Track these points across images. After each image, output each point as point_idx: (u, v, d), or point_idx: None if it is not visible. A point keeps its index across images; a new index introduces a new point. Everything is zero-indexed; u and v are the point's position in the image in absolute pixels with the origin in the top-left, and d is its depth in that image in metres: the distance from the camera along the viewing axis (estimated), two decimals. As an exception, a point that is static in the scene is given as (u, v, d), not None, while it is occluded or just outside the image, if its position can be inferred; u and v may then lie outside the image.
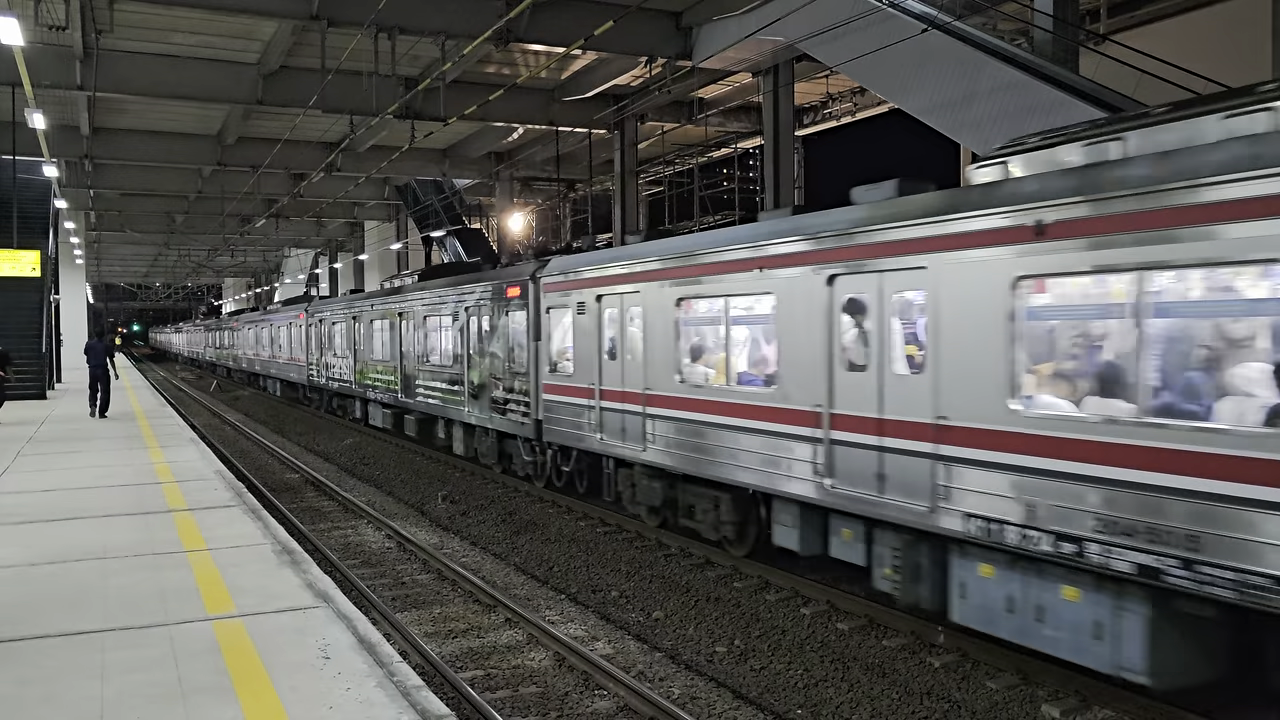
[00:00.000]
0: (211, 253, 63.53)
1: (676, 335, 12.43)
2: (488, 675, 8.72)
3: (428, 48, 21.65)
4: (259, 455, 23.38)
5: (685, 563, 12.50)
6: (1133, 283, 6.99)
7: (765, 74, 22.36)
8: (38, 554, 8.75)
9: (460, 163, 35.40)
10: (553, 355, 15.84)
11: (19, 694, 5.41)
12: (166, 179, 38.35)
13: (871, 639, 9.65)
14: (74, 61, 21.83)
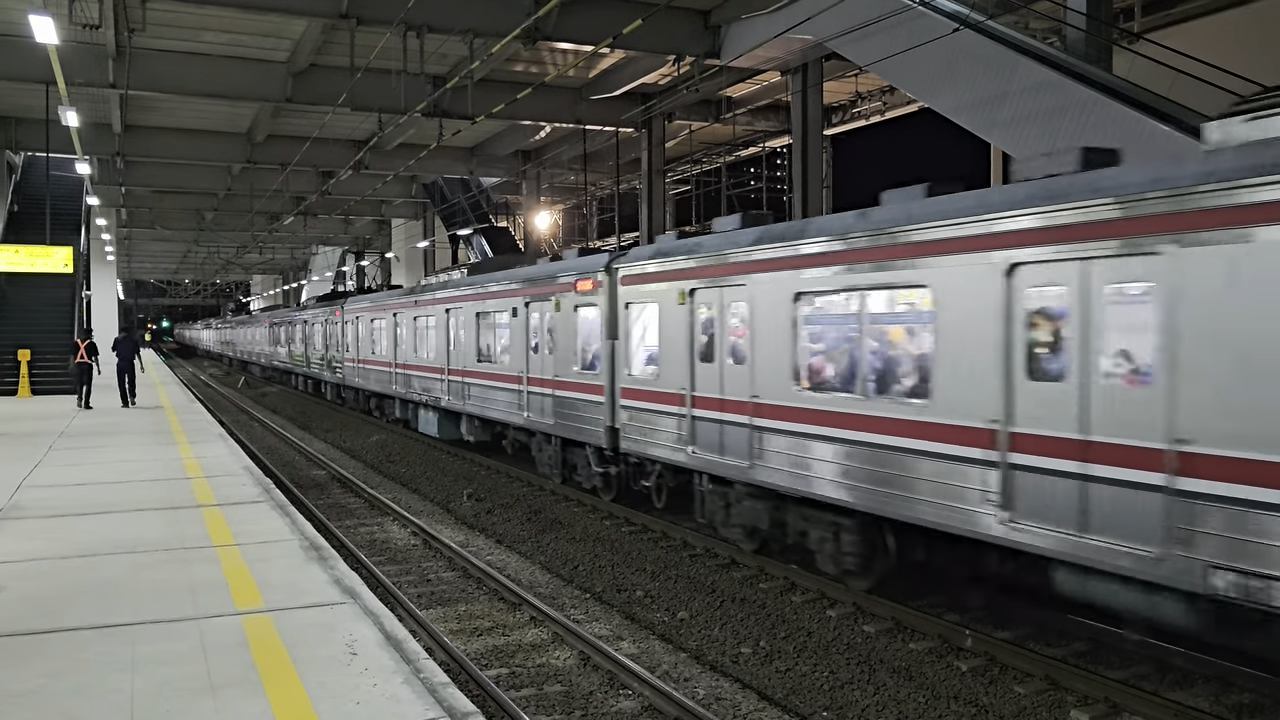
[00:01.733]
0: (240, 250, 64.06)
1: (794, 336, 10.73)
2: (513, 673, 8.72)
3: (456, 46, 21.72)
4: (286, 451, 23.53)
5: (710, 563, 12.46)
6: (859, 299, 9.88)
7: (794, 73, 22.28)
8: (69, 547, 8.83)
9: (487, 161, 35.50)
10: (631, 356, 14.18)
11: (51, 686, 5.46)
12: (196, 176, 38.72)
13: (898, 642, 9.57)
14: (107, 60, 22.05)
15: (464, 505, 16.42)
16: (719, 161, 33.25)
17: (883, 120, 28.24)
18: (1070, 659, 8.98)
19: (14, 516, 10.20)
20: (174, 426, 19.77)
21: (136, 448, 16.10)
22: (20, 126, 30.17)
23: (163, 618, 6.71)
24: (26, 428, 18.92)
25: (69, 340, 29.30)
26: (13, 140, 30.89)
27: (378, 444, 23.86)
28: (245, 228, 51.96)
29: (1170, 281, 6.91)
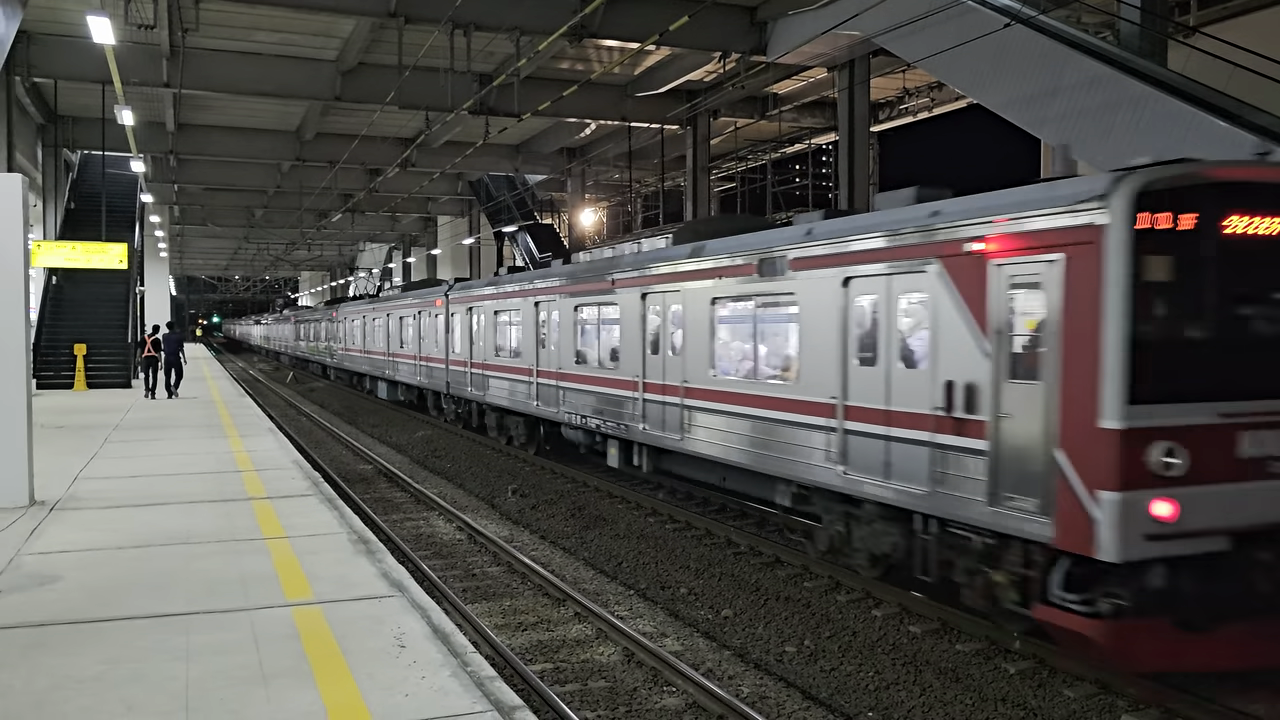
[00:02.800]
0: (289, 246, 64.92)
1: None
2: (557, 668, 8.75)
3: (502, 44, 21.85)
4: (333, 446, 23.81)
5: (755, 561, 12.42)
6: (769, 297, 11.82)
7: (840, 69, 22.14)
8: (125, 538, 9.01)
9: (532, 158, 35.66)
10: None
11: (109, 673, 5.57)
12: (247, 174, 39.31)
13: (945, 643, 9.48)
14: (161, 60, 22.46)
15: (508, 501, 16.51)
16: (764, 158, 33.11)
17: (930, 116, 27.99)
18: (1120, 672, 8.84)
19: (71, 507, 10.43)
20: (225, 420, 20.09)
21: (189, 441, 16.38)
22: (77, 125, 30.82)
23: (215, 608, 6.82)
24: (83, 420, 19.32)
25: (124, 335, 29.94)
26: (70, 139, 31.56)
27: (423, 439, 24.06)
28: (294, 224, 52.66)
29: (960, 290, 8.91)
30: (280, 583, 7.46)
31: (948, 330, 8.98)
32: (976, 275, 8.66)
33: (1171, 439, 7.39)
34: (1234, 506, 7.58)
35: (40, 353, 26.49)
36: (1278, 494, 7.66)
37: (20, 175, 10.85)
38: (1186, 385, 7.57)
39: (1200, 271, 7.66)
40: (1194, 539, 7.47)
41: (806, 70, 23.93)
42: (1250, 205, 7.70)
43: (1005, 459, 8.33)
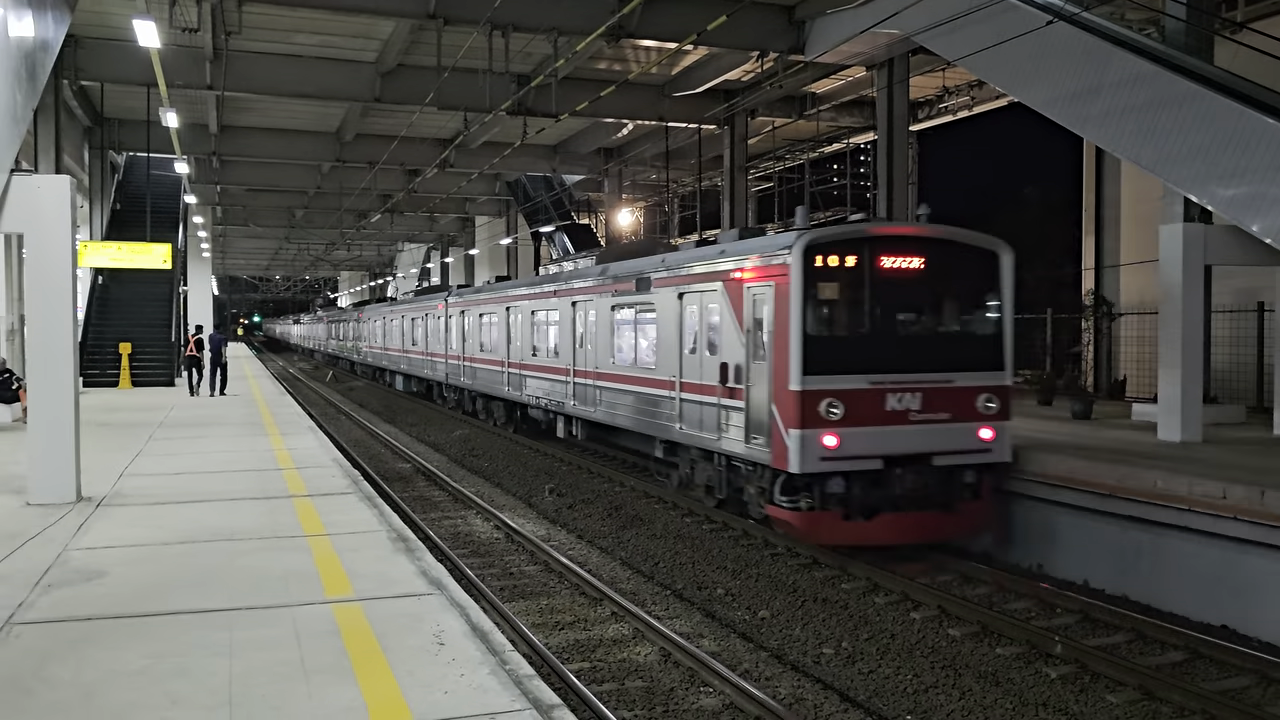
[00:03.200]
0: (329, 247, 65.52)
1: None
2: (594, 668, 8.77)
3: (540, 45, 21.89)
4: (372, 444, 24.01)
5: (792, 562, 12.37)
6: (644, 305, 16.04)
7: (879, 68, 21.96)
8: (169, 534, 9.14)
9: (570, 158, 35.72)
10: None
11: (154, 667, 5.65)
12: (288, 175, 39.70)
13: (984, 646, 9.40)
14: (204, 62, 22.73)
15: (545, 500, 16.56)
16: (802, 158, 32.93)
17: (970, 115, 27.71)
18: (1166, 669, 8.73)
19: (117, 504, 10.59)
20: (266, 418, 20.32)
21: (231, 439, 16.58)
22: (123, 128, 31.27)
23: (257, 604, 6.89)
24: (127, 418, 19.61)
25: (167, 334, 30.38)
26: (115, 141, 32.02)
27: (461, 439, 24.20)
28: (334, 225, 53.10)
29: (720, 305, 13.47)
30: (321, 580, 7.52)
31: (726, 329, 13.31)
32: (738, 293, 12.94)
33: (834, 397, 11.55)
34: (881, 441, 11.75)
35: (87, 351, 26.91)
36: (913, 434, 11.85)
37: (68, 177, 11.03)
38: (846, 363, 11.76)
39: (859, 291, 12.04)
40: (853, 460, 11.63)
41: (845, 69, 23.76)
42: (893, 250, 12.09)
43: (752, 413, 12.57)
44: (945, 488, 11.99)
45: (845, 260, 11.88)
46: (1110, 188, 22.59)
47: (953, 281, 12.58)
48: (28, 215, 10.30)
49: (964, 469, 12.10)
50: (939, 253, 12.39)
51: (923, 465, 11.89)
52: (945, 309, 12.75)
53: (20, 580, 7.43)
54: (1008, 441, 12.37)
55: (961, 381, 12.16)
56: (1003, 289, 12.55)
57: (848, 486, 11.67)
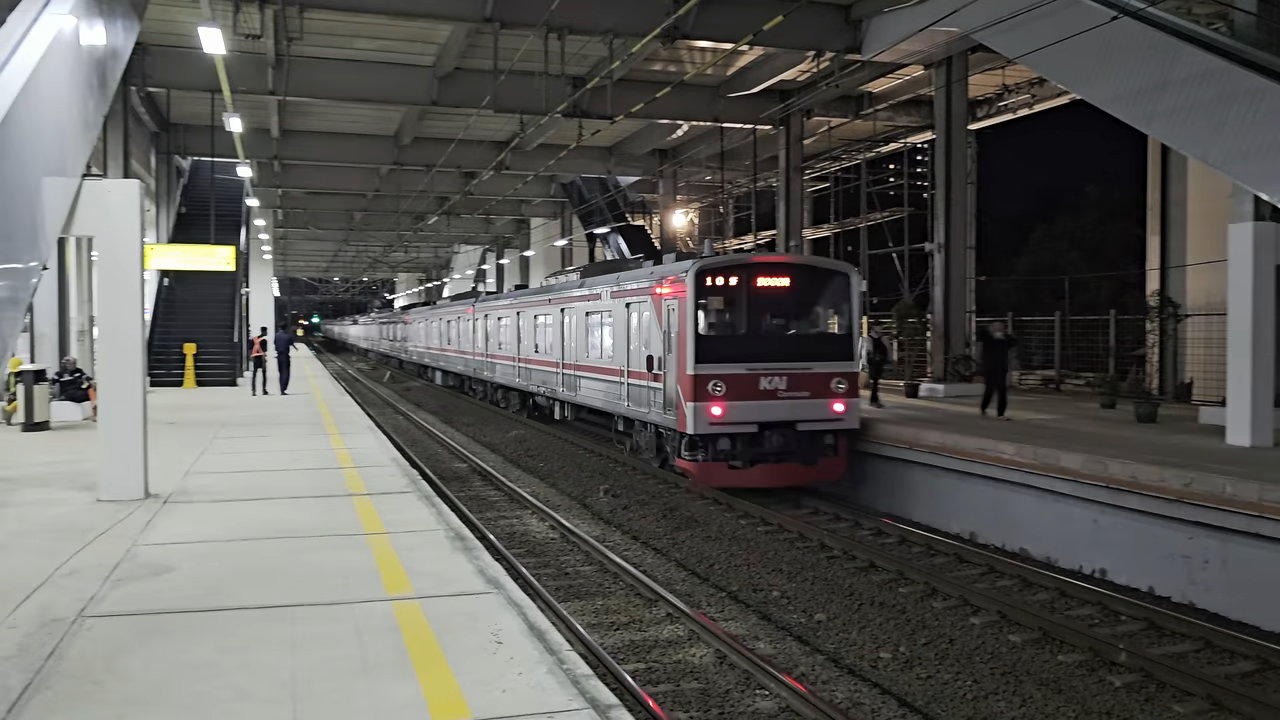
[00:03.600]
0: (386, 248, 66.34)
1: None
2: (649, 669, 8.77)
3: (596, 47, 21.99)
4: (429, 444, 24.25)
5: (848, 565, 12.28)
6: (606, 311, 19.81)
7: (938, 66, 21.72)
8: (233, 531, 9.32)
9: (625, 160, 35.81)
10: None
11: (220, 660, 5.77)
12: (347, 178, 40.29)
13: (1046, 653, 9.25)
14: (267, 68, 23.17)
15: (600, 501, 16.61)
16: (859, 158, 32.65)
17: (1031, 113, 27.26)
18: (1236, 678, 8.52)
19: (183, 501, 10.83)
20: (326, 418, 20.63)
21: (292, 438, 16.86)
22: (188, 133, 31.98)
23: (319, 601, 7.00)
24: (192, 417, 20.03)
25: (230, 335, 30.98)
26: (181, 146, 32.77)
27: (516, 439, 24.35)
28: (392, 227, 53.81)
29: (633, 314, 17.97)
30: (381, 577, 7.62)
31: (651, 330, 17.18)
32: (659, 304, 16.73)
33: (719, 379, 15.41)
34: (756, 411, 15.57)
35: (153, 351, 27.52)
36: (780, 407, 15.62)
37: (137, 181, 11.30)
38: (728, 354, 15.63)
39: (739, 303, 16.05)
40: (735, 425, 15.47)
41: (902, 68, 23.55)
42: (767, 273, 16.10)
43: (666, 391, 16.51)
44: (807, 446, 15.85)
45: (729, 280, 15.87)
46: (1176, 186, 22.08)
47: (811, 296, 16.64)
48: (98, 219, 10.57)
49: (823, 433, 16.06)
50: (801, 275, 16.51)
51: (788, 430, 15.77)
52: (806, 315, 16.80)
53: (92, 574, 7.62)
54: (857, 413, 16.32)
55: (818, 369, 15.98)
56: (852, 301, 16.46)
57: (732, 444, 15.63)
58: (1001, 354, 17.70)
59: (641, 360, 17.57)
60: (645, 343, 17.49)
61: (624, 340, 18.68)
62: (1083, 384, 22.96)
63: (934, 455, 14.81)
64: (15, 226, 8.49)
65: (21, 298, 8.74)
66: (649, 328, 17.30)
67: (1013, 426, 15.90)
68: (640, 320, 17.89)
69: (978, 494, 14.06)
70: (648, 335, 17.36)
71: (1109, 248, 42.32)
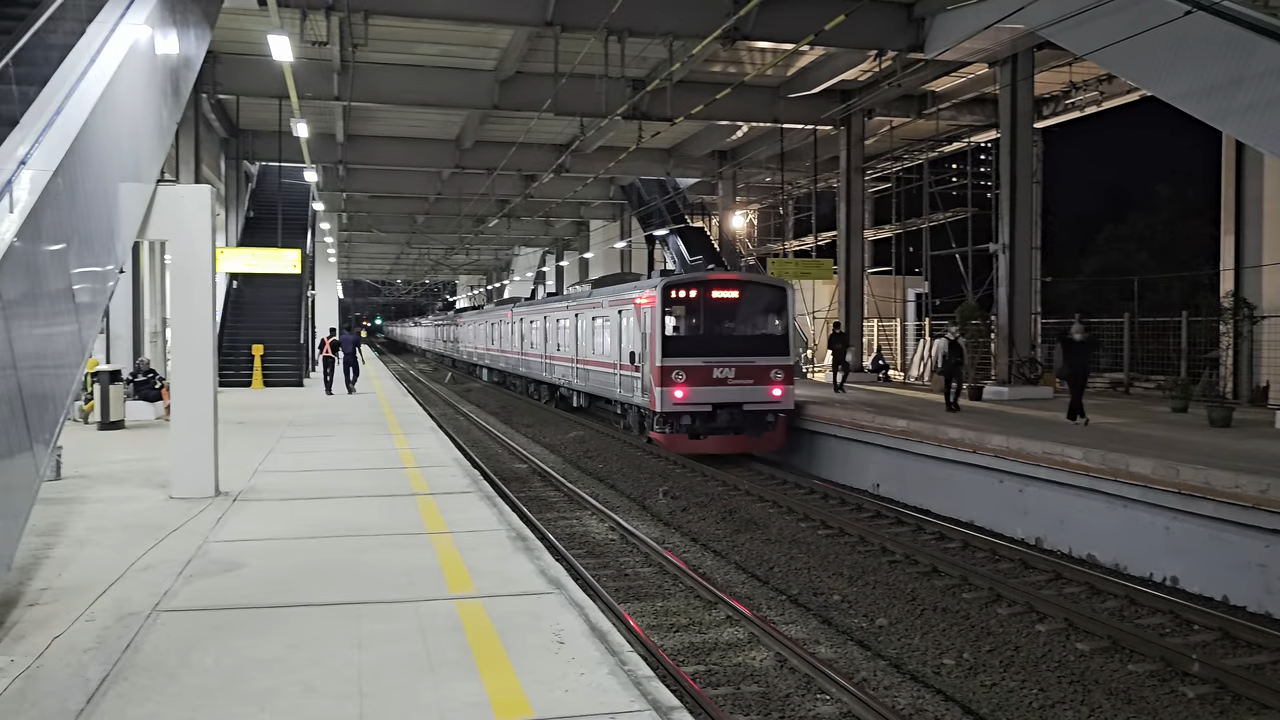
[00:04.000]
0: (448, 251, 67.06)
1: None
2: (709, 671, 8.76)
3: (656, 49, 22.01)
4: (489, 445, 24.48)
5: (910, 570, 12.14)
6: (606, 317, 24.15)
7: (1002, 64, 21.38)
8: (301, 529, 9.49)
9: (684, 161, 35.82)
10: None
11: (290, 656, 5.88)
12: (410, 181, 40.80)
13: (1115, 662, 9.06)
14: (332, 74, 23.58)
15: (660, 502, 16.62)
16: (921, 158, 32.27)
17: (1099, 111, 26.72)
18: None
19: (252, 499, 11.05)
20: (389, 418, 20.92)
21: (356, 438, 17.12)
22: (256, 139, 32.69)
23: (384, 598, 7.10)
24: (260, 417, 20.44)
25: (296, 336, 31.58)
26: (249, 151, 33.51)
27: (576, 440, 24.47)
28: (453, 230, 54.40)
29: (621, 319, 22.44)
30: (444, 576, 7.71)
31: (634, 332, 21.11)
32: (638, 311, 20.67)
33: (681, 369, 19.20)
34: (710, 394, 19.29)
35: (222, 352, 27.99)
36: (729, 391, 19.23)
37: (209, 186, 11.58)
38: (688, 350, 19.51)
39: (697, 311, 20.08)
40: (693, 405, 19.25)
41: (966, 66, 23.24)
42: (719, 287, 20.23)
43: (644, 380, 20.15)
44: (751, 422, 19.84)
45: (689, 293, 20.28)
46: (1252, 184, 21.47)
47: (755, 305, 20.80)
48: (172, 223, 10.85)
49: (764, 412, 19.90)
50: (747, 289, 20.92)
51: (735, 409, 19.73)
52: (750, 320, 20.77)
53: (165, 570, 7.82)
54: (792, 396, 20.20)
55: (759, 361, 19.89)
56: (788, 309, 20.78)
57: (691, 420, 19.76)
58: (1083, 357, 17.04)
59: (628, 355, 21.85)
60: (630, 341, 21.74)
61: (617, 340, 22.94)
62: (1153, 387, 22.45)
63: (998, 459, 14.59)
64: (94, 231, 8.75)
65: (100, 301, 9.00)
66: (633, 330, 21.57)
67: (1081, 430, 15.60)
68: (627, 324, 22.14)
69: (1042, 499, 13.81)
70: (633, 335, 21.55)
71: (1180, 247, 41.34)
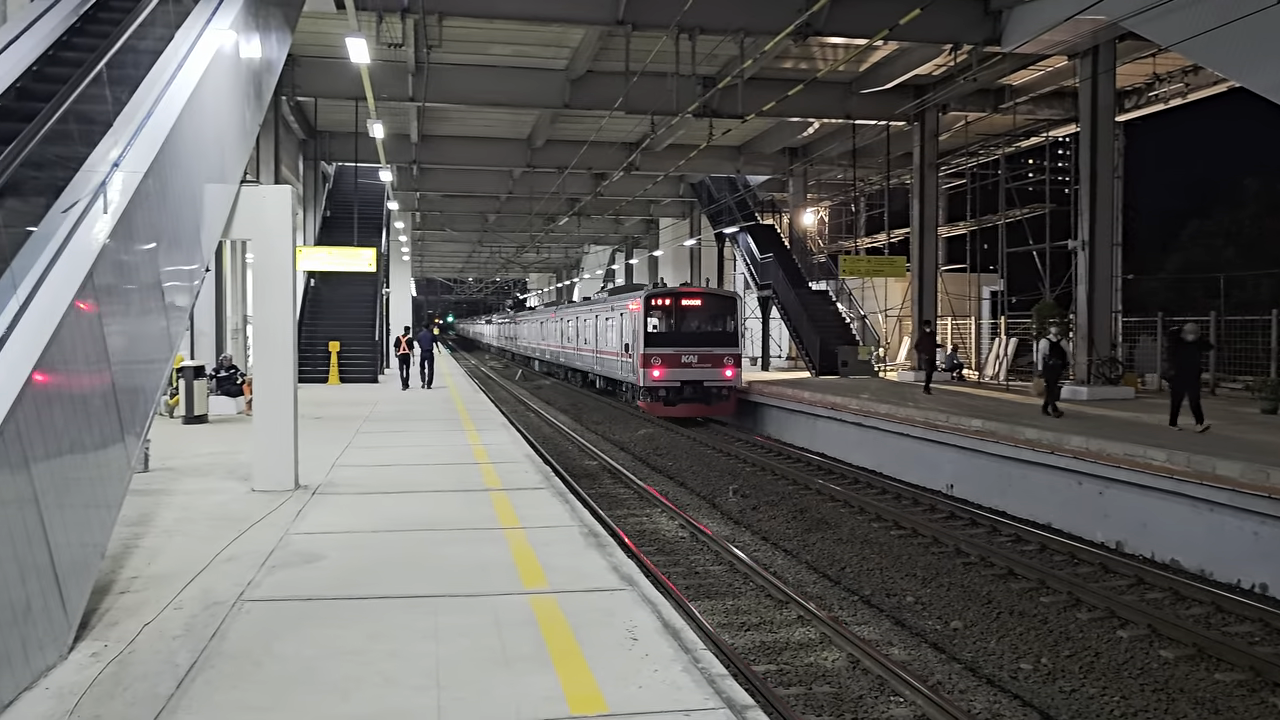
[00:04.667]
0: (519, 249, 67.69)
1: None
2: (780, 671, 8.73)
3: (727, 46, 21.95)
4: (560, 441, 24.65)
5: (986, 572, 11.94)
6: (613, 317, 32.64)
7: (1083, 56, 20.89)
8: (377, 522, 9.67)
9: (754, 159, 35.66)
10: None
11: (370, 647, 6.00)
12: (482, 181, 41.28)
13: (1201, 670, 8.80)
14: (407, 75, 23.93)
15: (730, 501, 16.59)
16: (997, 153, 31.64)
17: (1184, 103, 25.94)
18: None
19: (331, 492, 11.29)
20: (462, 414, 21.19)
21: (430, 434, 17.37)
22: (333, 140, 33.35)
23: (459, 592, 7.20)
24: (337, 412, 20.82)
25: (371, 334, 32.14)
26: (327, 152, 34.19)
27: (645, 438, 24.54)
28: (524, 228, 54.88)
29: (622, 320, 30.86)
30: (518, 571, 7.78)
31: (628, 329, 29.18)
32: (630, 314, 28.90)
33: (658, 355, 27.33)
34: (678, 375, 27.23)
35: (300, 349, 28.65)
36: (693, 372, 27.08)
37: (290, 187, 11.84)
38: (663, 343, 27.54)
39: (670, 315, 28.00)
40: (667, 382, 27.24)
41: (1044, 59, 22.76)
42: (687, 298, 28.70)
43: (634, 364, 28.18)
44: (708, 395, 27.28)
45: (664, 302, 28.02)
46: (1347, 178, 20.70)
47: (713, 311, 28.30)
48: (254, 223, 11.12)
49: (719, 388, 27.26)
50: (706, 299, 28.96)
51: (697, 385, 27.13)
52: (708, 322, 28.07)
53: (248, 561, 8.03)
54: (740, 377, 27.85)
55: (715, 352, 27.27)
56: (737, 314, 28.64)
57: (665, 393, 27.12)
58: (1194, 358, 15.96)
59: (625, 346, 29.63)
60: (625, 336, 29.58)
61: (619, 335, 30.61)
62: (1240, 388, 21.76)
63: (1076, 460, 14.27)
64: (182, 231, 9.02)
65: (187, 298, 9.28)
66: (628, 327, 29.30)
67: (1172, 434, 15.17)
68: (624, 324, 29.82)
69: (1123, 502, 13.46)
70: (627, 331, 29.34)
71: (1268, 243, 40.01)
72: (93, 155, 7.70)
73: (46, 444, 5.71)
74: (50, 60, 9.15)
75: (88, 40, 9.63)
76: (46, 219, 6.83)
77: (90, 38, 9.70)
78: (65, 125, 7.36)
